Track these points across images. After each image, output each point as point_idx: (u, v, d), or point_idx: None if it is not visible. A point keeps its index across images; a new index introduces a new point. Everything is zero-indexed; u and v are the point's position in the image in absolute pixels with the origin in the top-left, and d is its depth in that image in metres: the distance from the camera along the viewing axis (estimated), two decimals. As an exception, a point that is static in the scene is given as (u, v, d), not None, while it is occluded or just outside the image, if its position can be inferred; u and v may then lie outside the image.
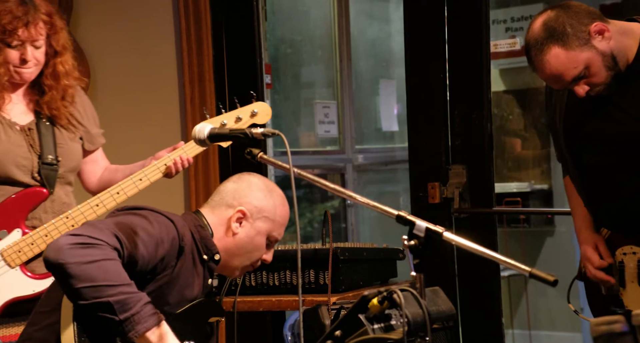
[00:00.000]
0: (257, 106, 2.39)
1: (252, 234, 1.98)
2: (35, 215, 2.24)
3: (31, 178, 2.24)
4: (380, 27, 5.20)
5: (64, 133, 2.30)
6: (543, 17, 2.09)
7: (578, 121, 2.22)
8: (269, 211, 2.00)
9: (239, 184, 2.01)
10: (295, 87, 4.88)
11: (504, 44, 4.47)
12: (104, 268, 1.65)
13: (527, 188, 4.69)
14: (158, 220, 1.82)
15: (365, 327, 1.59)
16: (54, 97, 2.28)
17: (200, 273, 1.93)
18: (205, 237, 1.94)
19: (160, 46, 3.68)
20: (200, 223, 1.96)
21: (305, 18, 4.91)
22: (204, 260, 1.93)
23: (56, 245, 1.66)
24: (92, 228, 1.72)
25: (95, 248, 1.66)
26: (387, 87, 4.99)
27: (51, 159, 2.25)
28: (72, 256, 1.64)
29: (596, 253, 2.25)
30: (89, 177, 2.43)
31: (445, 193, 3.30)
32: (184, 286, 1.89)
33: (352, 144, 4.67)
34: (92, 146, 2.40)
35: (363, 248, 2.79)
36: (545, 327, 4.53)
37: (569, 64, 2.05)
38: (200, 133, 1.81)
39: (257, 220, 1.98)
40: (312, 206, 4.86)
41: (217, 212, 1.98)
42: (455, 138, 3.33)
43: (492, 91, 3.40)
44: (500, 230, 4.17)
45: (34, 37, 2.20)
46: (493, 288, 3.31)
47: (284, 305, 2.63)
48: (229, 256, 1.97)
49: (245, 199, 1.98)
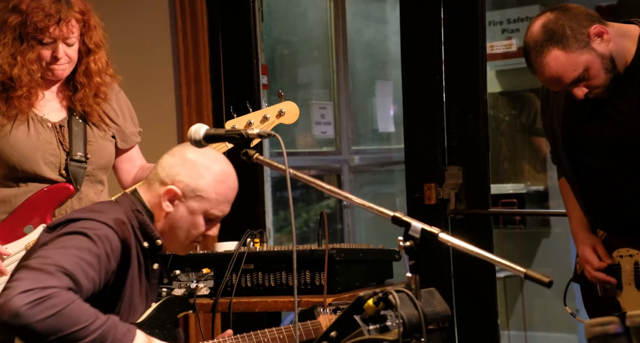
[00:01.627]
0: (284, 106, 2.34)
1: (185, 214, 1.88)
2: (62, 212, 2.24)
3: (58, 174, 2.25)
4: (377, 28, 5.20)
5: (95, 130, 2.30)
6: (542, 19, 2.09)
7: (576, 124, 2.22)
8: (204, 190, 1.87)
9: (175, 158, 1.90)
10: (292, 88, 4.88)
11: (500, 46, 4.47)
12: (68, 315, 1.63)
13: (523, 189, 4.69)
14: (98, 234, 1.76)
15: (360, 328, 1.59)
16: (87, 94, 2.28)
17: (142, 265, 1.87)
18: (144, 223, 1.86)
19: (157, 47, 3.68)
20: (137, 207, 1.88)
21: (302, 19, 4.92)
22: (146, 249, 1.87)
23: (10, 308, 1.59)
24: (39, 275, 1.65)
25: (51, 299, 1.62)
26: (384, 88, 5.00)
27: (80, 156, 2.25)
28: (33, 316, 1.60)
29: (595, 254, 2.25)
30: (124, 175, 2.41)
31: (442, 194, 3.30)
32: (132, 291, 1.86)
33: (349, 145, 4.68)
34: (126, 145, 2.38)
35: (359, 249, 2.79)
36: (541, 328, 4.54)
37: (569, 66, 2.05)
38: (196, 133, 1.80)
39: (190, 200, 1.87)
40: (308, 206, 4.86)
41: (152, 189, 1.89)
42: (451, 139, 3.33)
43: (488, 92, 3.41)
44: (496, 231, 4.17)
45: (66, 35, 2.21)
46: (489, 289, 3.32)
47: (280, 306, 2.63)
48: (165, 236, 1.90)
49: (177, 178, 1.87)
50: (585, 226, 2.29)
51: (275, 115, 2.35)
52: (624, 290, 2.23)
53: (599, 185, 2.21)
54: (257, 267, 2.65)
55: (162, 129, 3.62)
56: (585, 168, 2.23)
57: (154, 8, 3.69)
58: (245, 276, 2.66)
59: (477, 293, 3.30)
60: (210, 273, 2.66)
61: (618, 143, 2.16)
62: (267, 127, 2.33)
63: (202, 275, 2.66)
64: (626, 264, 2.22)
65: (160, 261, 1.94)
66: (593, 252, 2.25)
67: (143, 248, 1.87)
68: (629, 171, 2.16)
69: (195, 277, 2.65)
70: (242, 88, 3.66)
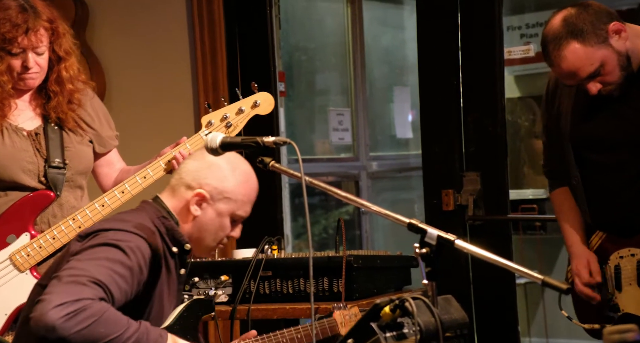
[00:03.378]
0: (259, 97, 2.35)
1: (214, 216, 1.91)
2: (43, 219, 2.25)
3: (38, 181, 2.25)
4: (394, 34, 5.20)
5: (72, 136, 2.31)
6: (563, 13, 2.14)
7: (585, 121, 2.24)
8: (231, 192, 1.91)
9: (200, 162, 1.92)
10: (309, 94, 4.89)
11: (517, 51, 4.45)
12: (102, 325, 1.66)
13: (543, 194, 4.66)
14: (130, 246, 1.77)
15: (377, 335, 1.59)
16: (60, 102, 2.28)
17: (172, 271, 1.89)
18: (171, 228, 1.88)
19: (175, 56, 3.71)
20: (162, 213, 1.89)
21: (319, 26, 4.93)
22: (174, 253, 1.89)
23: (46, 323, 1.62)
24: (73, 287, 1.67)
25: (85, 311, 1.65)
26: (401, 94, 4.99)
27: (58, 162, 2.25)
28: (69, 329, 1.63)
29: (587, 269, 2.28)
30: (105, 179, 2.42)
31: (460, 200, 3.29)
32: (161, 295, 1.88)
33: (367, 151, 4.67)
34: (104, 149, 2.39)
35: (377, 256, 2.78)
36: (563, 334, 4.49)
37: (586, 60, 2.09)
38: (212, 141, 1.81)
39: (218, 202, 1.90)
40: (327, 213, 4.86)
41: (177, 194, 1.91)
42: (469, 144, 3.32)
43: (506, 98, 3.39)
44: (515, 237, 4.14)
45: (35, 44, 2.21)
46: (508, 296, 3.29)
47: (298, 313, 2.63)
48: (193, 240, 1.92)
49: (204, 181, 1.90)
50: (580, 239, 2.32)
51: (250, 106, 2.34)
52: (624, 291, 2.25)
53: (604, 182, 2.23)
54: (275, 274, 2.65)
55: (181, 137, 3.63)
56: (591, 165, 2.25)
57: (172, 16, 3.72)
58: (263, 283, 2.67)
59: (497, 300, 3.28)
60: (228, 280, 2.67)
61: (627, 140, 2.19)
62: (243, 119, 2.33)
63: (221, 282, 2.67)
64: (627, 264, 2.24)
65: (187, 267, 1.96)
66: (586, 267, 2.28)
67: (172, 254, 1.89)
68: (636, 169, 2.18)
69: (213, 284, 2.66)
70: (259, 95, 3.67)
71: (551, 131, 2.35)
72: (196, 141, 2.31)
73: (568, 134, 2.27)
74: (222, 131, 2.32)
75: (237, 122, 2.33)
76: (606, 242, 2.30)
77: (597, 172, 2.25)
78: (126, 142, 2.59)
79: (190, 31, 3.67)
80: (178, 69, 3.70)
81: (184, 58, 3.68)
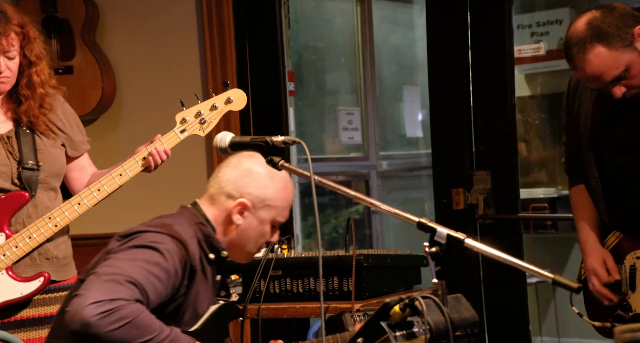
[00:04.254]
0: (232, 93, 2.36)
1: (255, 224, 1.92)
2: (18, 219, 2.26)
3: (11, 183, 2.26)
4: (404, 34, 5.20)
5: (44, 139, 2.31)
6: (588, 16, 2.11)
7: (605, 122, 2.22)
8: (272, 199, 1.92)
9: (239, 171, 1.93)
10: (319, 94, 4.89)
11: (528, 49, 4.44)
12: (136, 326, 1.67)
13: (555, 193, 4.64)
14: (168, 249, 1.79)
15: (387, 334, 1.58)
16: (31, 106, 2.29)
17: (209, 276, 1.91)
18: (209, 235, 1.89)
19: (185, 55, 3.72)
20: (200, 219, 1.90)
21: (329, 25, 4.93)
22: (211, 260, 1.90)
23: (81, 318, 1.64)
24: (109, 286, 1.69)
25: (120, 311, 1.66)
26: (411, 93, 4.98)
27: (32, 164, 2.26)
28: (103, 327, 1.64)
29: (603, 267, 2.26)
30: (77, 183, 2.42)
31: (470, 199, 3.28)
32: (201, 299, 1.89)
33: (376, 150, 4.67)
34: (76, 153, 2.40)
35: (387, 255, 2.78)
36: (574, 334, 4.47)
37: (611, 64, 2.07)
38: (221, 141, 1.82)
39: (260, 210, 1.92)
40: (337, 212, 4.86)
41: (217, 203, 1.92)
42: (479, 143, 3.31)
43: (517, 96, 3.38)
44: (527, 236, 4.13)
45: (6, 49, 2.22)
46: (519, 295, 3.28)
47: (308, 312, 2.63)
48: (233, 248, 1.94)
49: (246, 190, 1.91)
50: (596, 237, 2.30)
51: (224, 102, 2.36)
52: (637, 292, 2.23)
53: (622, 184, 2.21)
54: (285, 273, 2.65)
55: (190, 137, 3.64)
56: (610, 166, 2.23)
57: (182, 16, 3.73)
58: (273, 282, 2.67)
59: (508, 299, 3.27)
60: (238, 279, 2.68)
61: None
62: (216, 116, 2.35)
63: (231, 281, 2.68)
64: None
65: (222, 273, 1.98)
66: (603, 265, 2.26)
67: (209, 260, 1.90)
68: None
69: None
70: (269, 95, 3.68)
71: (570, 131, 2.33)
72: (171, 138, 2.33)
73: (587, 136, 2.25)
74: (197, 128, 2.34)
75: (211, 119, 2.35)
76: (623, 242, 2.28)
77: (617, 174, 2.22)
78: (136, 141, 2.59)
79: (199, 31, 3.67)
80: (188, 69, 3.71)
81: (193, 58, 3.69)
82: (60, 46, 3.63)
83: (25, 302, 2.26)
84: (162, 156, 2.32)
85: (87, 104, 3.65)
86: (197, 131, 2.34)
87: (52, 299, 2.30)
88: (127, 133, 3.77)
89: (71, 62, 3.62)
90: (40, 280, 2.26)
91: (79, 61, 3.62)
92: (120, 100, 3.77)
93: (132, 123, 3.77)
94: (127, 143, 3.49)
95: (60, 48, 3.62)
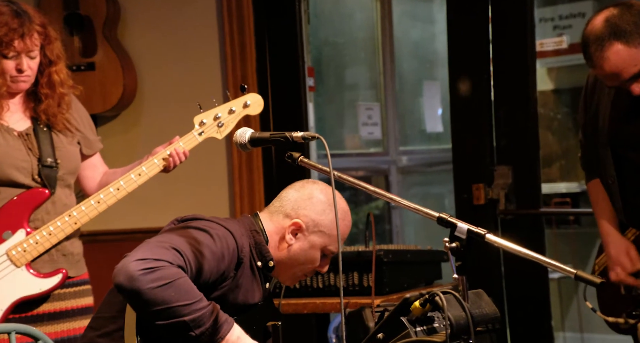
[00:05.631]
0: (249, 98, 2.39)
1: (306, 247, 1.96)
2: (37, 216, 2.29)
3: (32, 179, 2.29)
4: (424, 28, 5.17)
5: (61, 137, 2.36)
6: (605, 13, 2.10)
7: (623, 119, 2.22)
8: (326, 226, 1.96)
9: (301, 193, 1.99)
10: (339, 89, 4.88)
11: (550, 43, 4.40)
12: (176, 289, 1.70)
13: (577, 188, 4.60)
14: (218, 234, 1.83)
15: (407, 330, 1.58)
16: (51, 104, 2.33)
17: (257, 279, 1.95)
18: (260, 243, 1.94)
19: (205, 51, 3.73)
20: (256, 227, 1.95)
21: (348, 20, 4.92)
22: (258, 267, 1.94)
23: (126, 271, 1.69)
24: (156, 249, 1.74)
25: (163, 270, 1.70)
26: (431, 88, 4.96)
27: (50, 162, 2.30)
28: (145, 283, 1.68)
29: (628, 258, 2.26)
30: (89, 182, 2.46)
31: (491, 194, 3.26)
32: (245, 293, 1.91)
33: (396, 145, 4.65)
34: (90, 151, 2.44)
35: (407, 250, 2.78)
36: (598, 329, 4.44)
37: (630, 61, 2.06)
38: (241, 137, 1.82)
39: (313, 234, 1.96)
40: (356, 207, 4.85)
41: (274, 219, 1.97)
42: (500, 138, 3.29)
43: (539, 90, 3.35)
44: (549, 232, 4.09)
45: (30, 48, 2.26)
46: (541, 290, 3.26)
47: (328, 307, 2.63)
48: (281, 266, 1.97)
49: (303, 212, 1.96)
50: (616, 229, 2.30)
51: (242, 107, 2.39)
52: None
53: (639, 181, 2.18)
54: (305, 269, 2.65)
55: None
56: (628, 164, 2.23)
57: (202, 12, 3.74)
58: (293, 277, 2.67)
59: (530, 294, 3.25)
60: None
61: None
62: (234, 119, 2.38)
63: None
64: None
65: (271, 281, 2.00)
66: (627, 255, 2.26)
67: (257, 266, 1.94)
68: None
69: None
70: (288, 90, 3.68)
71: (588, 129, 2.32)
72: (190, 139, 2.36)
73: (606, 134, 2.24)
74: (214, 130, 2.37)
75: (228, 122, 2.38)
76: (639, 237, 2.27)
77: (635, 172, 2.22)
78: (157, 138, 2.61)
79: (219, 27, 3.68)
80: (208, 65, 3.72)
81: (213, 53, 3.70)
82: (82, 43, 3.65)
83: (43, 297, 2.30)
84: (181, 157, 2.35)
85: (108, 101, 3.68)
86: (215, 133, 2.37)
87: (67, 294, 2.34)
88: (148, 129, 3.79)
89: (93, 59, 3.65)
90: (59, 276, 2.30)
91: (100, 58, 3.65)
92: (141, 96, 3.79)
93: (153, 119, 3.79)
94: (148, 139, 3.51)
95: (82, 45, 3.65)
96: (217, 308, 1.77)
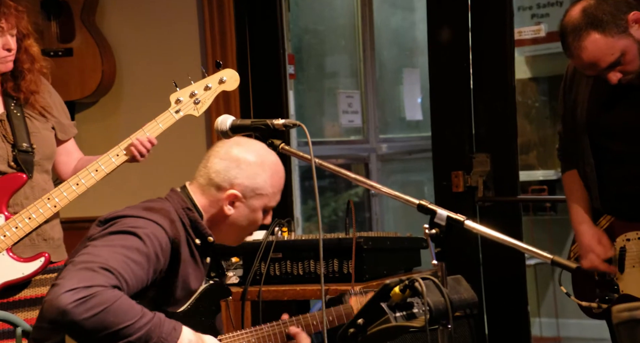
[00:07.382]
0: (225, 73, 2.38)
1: (247, 212, 1.92)
2: (16, 201, 2.28)
3: (8, 166, 2.28)
4: (404, 16, 5.18)
5: (35, 122, 2.34)
6: (582, 4, 2.13)
7: (602, 108, 2.25)
8: (262, 187, 1.90)
9: (228, 161, 1.90)
10: (319, 77, 4.88)
11: (528, 31, 4.42)
12: (114, 313, 1.66)
13: (554, 175, 4.65)
14: (147, 233, 1.77)
15: (387, 315, 1.60)
16: (33, 80, 2.31)
17: (198, 259, 1.92)
18: (195, 220, 1.89)
19: (185, 38, 3.71)
20: (188, 204, 1.90)
21: (329, 8, 4.91)
22: (197, 245, 1.90)
23: (57, 306, 1.63)
24: (84, 273, 1.67)
25: (97, 297, 1.65)
26: (411, 76, 4.98)
27: (26, 147, 2.28)
28: (79, 314, 1.63)
29: (601, 245, 2.31)
30: (63, 168, 2.45)
31: (469, 182, 3.29)
32: (187, 280, 1.89)
33: (376, 133, 4.67)
34: (65, 136, 2.42)
35: (386, 237, 2.79)
36: (572, 315, 4.51)
37: (607, 50, 2.09)
38: (222, 124, 1.83)
39: (251, 199, 1.90)
40: (336, 195, 4.87)
41: (207, 194, 1.91)
42: (479, 126, 3.31)
43: (517, 78, 3.37)
44: (526, 219, 4.14)
45: (13, 25, 2.25)
46: (518, 276, 3.30)
47: (309, 294, 2.64)
48: (223, 235, 1.94)
49: (235, 181, 1.89)
50: (589, 218, 2.35)
51: (217, 82, 2.38)
52: (626, 273, 2.28)
53: (617, 169, 2.24)
54: (286, 256, 2.67)
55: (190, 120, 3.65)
56: (605, 152, 2.26)
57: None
58: (273, 264, 2.68)
59: (507, 280, 3.29)
60: (239, 262, 2.69)
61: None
62: (210, 95, 2.37)
63: (232, 264, 2.69)
64: (633, 246, 2.27)
65: (212, 255, 1.97)
66: (599, 242, 2.31)
67: (195, 245, 1.90)
68: None
69: (224, 266, 2.68)
70: (268, 78, 3.67)
71: (567, 119, 2.35)
72: (166, 118, 2.36)
73: (584, 123, 2.27)
74: (191, 108, 2.37)
75: (205, 99, 2.37)
76: (614, 224, 2.33)
77: (613, 161, 2.26)
78: (136, 125, 2.59)
79: (199, 14, 3.66)
80: (187, 51, 3.70)
81: (193, 40, 3.68)
82: (59, 28, 3.61)
83: (24, 282, 2.29)
84: (146, 145, 2.33)
85: (87, 87, 3.65)
86: (192, 111, 2.36)
87: (48, 280, 2.33)
88: (127, 116, 3.77)
89: (71, 44, 3.62)
90: (41, 260, 2.29)
91: (78, 44, 3.61)
92: (120, 82, 3.76)
93: (132, 106, 3.77)
94: (127, 126, 3.48)
95: (59, 30, 3.61)
96: (162, 317, 1.74)
